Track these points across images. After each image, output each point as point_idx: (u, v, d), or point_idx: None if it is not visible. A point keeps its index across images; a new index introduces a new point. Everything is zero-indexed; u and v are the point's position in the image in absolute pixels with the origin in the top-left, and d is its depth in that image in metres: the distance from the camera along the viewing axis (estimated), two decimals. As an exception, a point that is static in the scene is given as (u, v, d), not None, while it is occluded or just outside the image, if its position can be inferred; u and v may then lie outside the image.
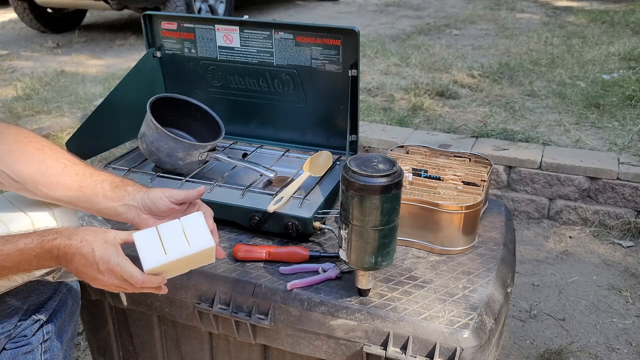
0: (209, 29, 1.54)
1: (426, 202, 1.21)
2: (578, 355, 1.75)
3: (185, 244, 0.92)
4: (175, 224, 0.94)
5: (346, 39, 1.41)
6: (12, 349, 1.02)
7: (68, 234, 0.89)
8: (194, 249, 0.92)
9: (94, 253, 0.87)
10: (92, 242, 0.88)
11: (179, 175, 1.42)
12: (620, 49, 4.25)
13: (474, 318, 1.05)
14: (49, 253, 0.88)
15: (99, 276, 0.89)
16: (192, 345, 1.30)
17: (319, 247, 1.27)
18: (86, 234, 0.89)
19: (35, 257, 0.88)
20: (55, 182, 1.02)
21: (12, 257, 0.87)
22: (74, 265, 0.89)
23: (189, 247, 0.92)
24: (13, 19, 6.57)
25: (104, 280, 0.89)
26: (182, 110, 1.54)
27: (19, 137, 1.04)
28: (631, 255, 2.24)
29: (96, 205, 1.04)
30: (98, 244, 0.88)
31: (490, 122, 2.99)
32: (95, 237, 0.89)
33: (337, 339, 1.08)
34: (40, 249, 0.88)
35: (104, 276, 0.88)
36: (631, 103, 3.16)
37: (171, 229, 0.93)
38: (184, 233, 0.93)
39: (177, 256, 0.91)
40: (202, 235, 0.94)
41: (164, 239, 0.92)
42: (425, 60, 4.27)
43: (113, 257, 0.88)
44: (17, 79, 4.26)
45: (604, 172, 2.35)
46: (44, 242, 0.88)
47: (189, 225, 0.94)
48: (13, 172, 1.01)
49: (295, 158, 1.57)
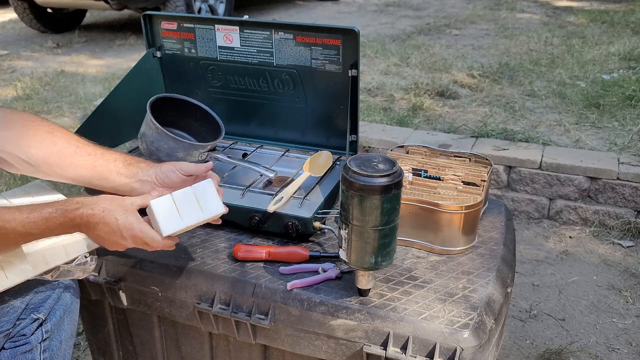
0: (209, 29, 1.54)
1: (426, 202, 1.21)
2: (578, 355, 1.75)
3: (198, 211, 1.03)
4: (188, 192, 1.03)
5: (346, 39, 1.41)
6: (11, 348, 1.02)
7: (90, 204, 0.96)
8: (207, 215, 1.03)
9: (118, 222, 0.95)
10: (114, 211, 0.96)
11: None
12: (620, 49, 4.25)
13: (474, 318, 1.05)
14: (72, 222, 0.95)
15: (121, 241, 0.98)
16: (192, 345, 1.30)
17: (319, 247, 1.27)
18: (106, 203, 0.97)
19: (59, 226, 0.94)
20: (69, 163, 1.08)
21: (38, 224, 0.93)
22: (97, 233, 0.97)
23: (202, 214, 1.03)
24: (13, 19, 6.57)
25: (126, 244, 0.99)
26: (182, 110, 1.54)
27: (27, 122, 1.09)
28: (631, 255, 2.24)
29: (110, 182, 1.11)
30: (120, 212, 0.96)
31: (490, 122, 2.99)
32: (115, 206, 0.97)
33: (337, 339, 1.08)
34: (63, 217, 0.94)
35: (126, 241, 0.98)
36: (631, 103, 3.16)
37: (185, 196, 1.02)
38: (197, 200, 1.03)
39: (192, 222, 1.02)
40: (213, 201, 1.04)
41: (179, 206, 1.01)
42: (425, 60, 4.27)
43: (135, 224, 0.97)
44: (17, 79, 4.26)
45: (604, 172, 2.35)
46: (67, 211, 0.94)
47: (201, 193, 1.04)
48: (27, 156, 1.07)
49: (295, 158, 1.57)
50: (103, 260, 1.26)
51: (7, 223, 0.90)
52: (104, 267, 1.26)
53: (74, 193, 2.55)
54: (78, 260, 1.11)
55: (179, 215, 1.01)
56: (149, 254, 1.25)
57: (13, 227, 0.91)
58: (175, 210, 1.01)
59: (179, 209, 1.01)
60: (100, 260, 1.25)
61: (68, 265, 1.10)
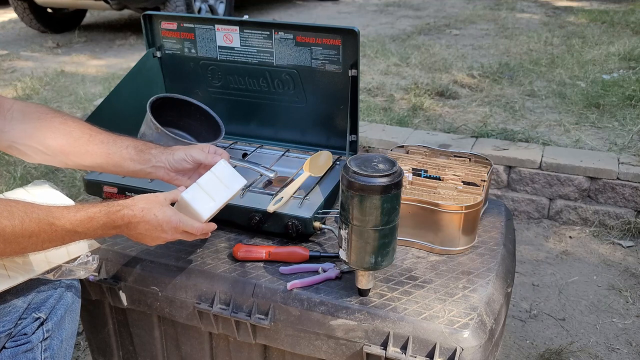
0: (209, 29, 1.54)
1: (426, 202, 1.21)
2: (578, 355, 1.75)
3: (225, 189, 1.11)
4: (210, 176, 1.11)
5: (346, 39, 1.41)
6: (12, 348, 1.02)
7: (130, 205, 1.01)
8: (233, 190, 1.12)
9: (157, 217, 1.01)
10: (152, 209, 1.01)
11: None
12: (620, 49, 4.25)
13: (474, 318, 1.05)
14: (114, 222, 0.99)
15: (162, 235, 1.03)
16: (192, 345, 1.30)
17: (319, 247, 1.27)
18: (143, 202, 1.02)
19: (102, 226, 0.99)
20: (84, 152, 1.14)
21: (84, 223, 0.96)
22: (138, 231, 1.02)
23: (229, 190, 1.12)
24: (13, 19, 6.57)
25: (167, 237, 1.04)
26: (182, 110, 1.54)
27: (42, 114, 1.15)
28: (631, 255, 2.24)
29: (125, 168, 1.16)
30: (157, 209, 1.02)
31: (490, 122, 2.99)
32: (152, 204, 1.02)
33: (337, 339, 1.08)
34: (107, 218, 0.99)
35: (167, 234, 1.03)
36: (631, 103, 3.15)
37: (209, 180, 1.10)
38: (220, 181, 1.11)
39: (223, 200, 1.11)
40: (234, 177, 1.13)
41: (207, 191, 1.09)
42: (425, 60, 4.27)
43: (173, 217, 1.03)
44: (17, 79, 4.26)
45: (604, 172, 2.35)
46: (110, 212, 0.99)
47: (221, 173, 1.12)
48: (44, 147, 1.13)
49: (295, 158, 1.57)
50: (103, 260, 1.26)
51: (57, 220, 0.94)
52: (104, 267, 1.26)
53: (73, 191, 2.55)
54: (80, 260, 1.11)
55: (211, 198, 1.09)
56: (149, 254, 1.25)
57: (62, 224, 0.94)
58: (205, 194, 1.09)
59: (209, 193, 1.09)
60: (101, 260, 1.25)
61: (70, 264, 1.10)
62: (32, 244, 0.93)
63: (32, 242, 0.92)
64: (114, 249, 1.27)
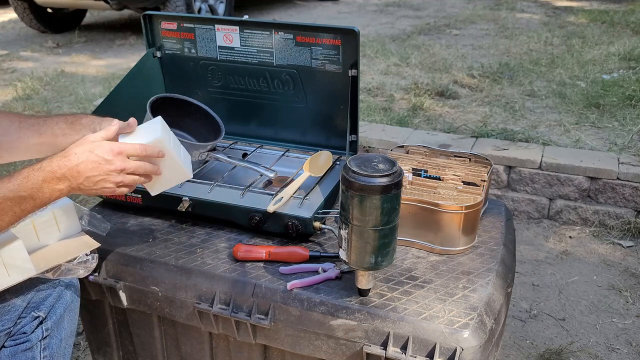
0: (209, 29, 1.54)
1: (426, 202, 1.21)
2: (578, 355, 1.75)
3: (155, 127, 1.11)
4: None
5: (346, 39, 1.41)
6: (11, 346, 1.02)
7: (63, 154, 0.97)
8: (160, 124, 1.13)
9: (94, 151, 0.97)
10: (85, 147, 0.97)
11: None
12: (620, 49, 4.25)
13: (474, 318, 1.05)
14: (53, 173, 0.95)
15: (108, 166, 0.97)
16: (192, 345, 1.30)
17: (319, 247, 1.27)
18: (75, 147, 0.98)
19: (43, 182, 0.94)
20: (16, 138, 1.11)
21: (22, 185, 0.93)
22: (85, 176, 0.96)
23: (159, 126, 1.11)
24: (13, 19, 6.57)
25: (115, 167, 0.98)
26: (182, 110, 1.54)
27: None
28: (631, 255, 2.24)
29: (59, 145, 1.11)
30: (90, 145, 0.98)
31: (490, 122, 2.99)
32: (84, 144, 0.98)
33: (337, 339, 1.08)
34: (42, 171, 0.94)
35: (113, 164, 0.98)
36: (631, 103, 3.15)
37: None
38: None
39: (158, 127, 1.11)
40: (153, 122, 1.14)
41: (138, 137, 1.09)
42: (425, 60, 4.27)
43: (109, 144, 0.99)
44: (17, 79, 4.26)
45: (604, 172, 2.35)
46: (44, 165, 0.95)
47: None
48: None
49: (295, 158, 1.57)
50: (103, 260, 1.26)
51: None
52: (104, 267, 1.26)
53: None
54: (79, 259, 1.11)
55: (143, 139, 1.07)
56: (149, 254, 1.25)
57: (3, 193, 0.92)
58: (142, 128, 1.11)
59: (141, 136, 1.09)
60: (100, 260, 1.25)
61: (69, 263, 1.10)
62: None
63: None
64: (114, 249, 1.27)
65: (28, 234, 1.09)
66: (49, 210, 1.12)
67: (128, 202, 1.40)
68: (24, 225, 1.08)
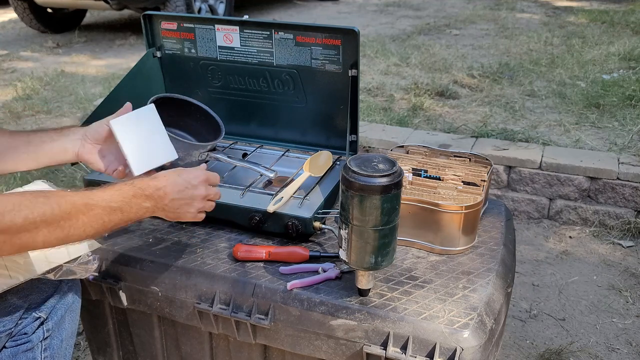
0: (209, 29, 1.54)
1: (426, 202, 1.21)
2: (578, 355, 1.75)
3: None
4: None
5: (346, 39, 1.41)
6: (12, 347, 1.02)
7: (152, 177, 1.04)
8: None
9: (182, 176, 1.05)
10: (175, 172, 1.05)
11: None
12: (620, 49, 4.25)
13: (474, 318, 1.05)
14: (143, 191, 1.00)
15: (194, 192, 1.05)
16: (192, 345, 1.30)
17: (319, 247, 1.27)
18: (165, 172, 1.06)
19: (133, 197, 0.99)
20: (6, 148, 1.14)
21: (114, 197, 0.97)
22: (169, 197, 1.02)
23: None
24: (13, 19, 6.57)
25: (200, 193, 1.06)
26: (182, 110, 1.54)
27: None
28: (631, 255, 2.24)
29: (48, 150, 1.16)
30: (180, 170, 1.06)
31: (490, 122, 2.99)
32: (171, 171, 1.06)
33: (337, 339, 1.08)
34: (133, 187, 0.99)
35: (198, 189, 1.06)
36: (631, 103, 3.16)
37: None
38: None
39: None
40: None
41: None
42: (425, 60, 4.27)
43: (197, 171, 1.08)
44: (17, 79, 4.26)
45: (604, 172, 2.35)
46: (136, 182, 1.01)
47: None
48: None
49: (295, 158, 1.57)
50: (103, 260, 1.26)
51: (91, 199, 0.94)
52: (104, 267, 1.26)
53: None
54: (80, 260, 1.11)
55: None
56: (149, 254, 1.25)
57: (96, 202, 0.95)
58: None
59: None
60: (101, 260, 1.25)
61: (70, 264, 1.10)
62: (74, 227, 0.92)
63: (74, 225, 0.91)
64: (114, 249, 1.28)
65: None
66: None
67: (128, 202, 1.40)
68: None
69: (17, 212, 0.84)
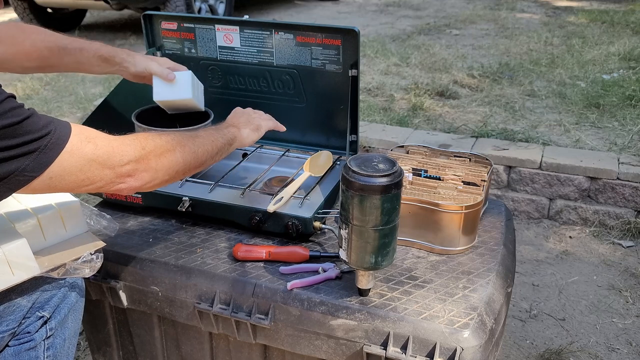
0: (209, 29, 1.54)
1: (426, 202, 1.21)
2: (578, 355, 1.75)
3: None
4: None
5: (346, 39, 1.41)
6: (15, 346, 1.02)
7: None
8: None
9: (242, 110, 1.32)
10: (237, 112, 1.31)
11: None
12: (620, 49, 4.25)
13: (474, 318, 1.05)
14: (226, 123, 1.24)
15: (247, 111, 1.31)
16: (192, 345, 1.30)
17: (319, 247, 1.27)
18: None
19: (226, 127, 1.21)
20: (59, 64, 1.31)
21: (221, 131, 1.17)
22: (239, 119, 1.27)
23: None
24: (13, 19, 6.57)
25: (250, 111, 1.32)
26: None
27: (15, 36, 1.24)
28: (631, 255, 2.24)
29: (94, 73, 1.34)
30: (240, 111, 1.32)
31: (490, 122, 2.99)
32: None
33: (337, 339, 1.08)
34: (225, 123, 1.24)
35: (256, 112, 1.33)
36: (631, 103, 3.15)
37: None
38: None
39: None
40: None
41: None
42: (425, 60, 4.27)
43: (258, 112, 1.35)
44: (17, 79, 4.26)
45: (604, 172, 2.35)
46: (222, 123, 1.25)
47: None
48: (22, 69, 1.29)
49: (295, 158, 1.57)
50: (103, 260, 1.26)
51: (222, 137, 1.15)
52: (104, 267, 1.26)
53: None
54: (84, 258, 1.11)
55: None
56: (148, 253, 1.25)
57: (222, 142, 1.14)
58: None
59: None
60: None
61: (74, 262, 1.09)
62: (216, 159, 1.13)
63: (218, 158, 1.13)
64: (114, 249, 1.28)
65: (34, 233, 1.09)
66: (55, 210, 1.12)
67: (128, 202, 1.40)
68: (30, 224, 1.08)
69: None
